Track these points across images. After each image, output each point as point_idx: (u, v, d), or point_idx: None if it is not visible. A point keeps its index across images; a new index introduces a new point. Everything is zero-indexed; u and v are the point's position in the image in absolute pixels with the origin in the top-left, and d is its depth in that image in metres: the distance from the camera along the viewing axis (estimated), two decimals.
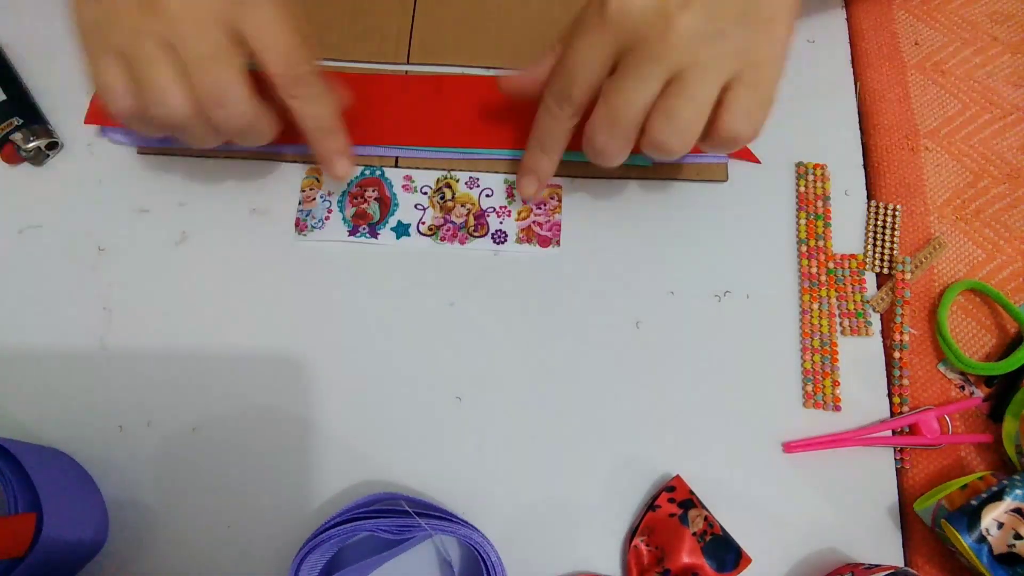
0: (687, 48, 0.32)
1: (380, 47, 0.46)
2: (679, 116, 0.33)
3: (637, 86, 0.33)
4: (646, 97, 0.33)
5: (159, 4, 0.32)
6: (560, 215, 0.42)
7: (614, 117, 0.34)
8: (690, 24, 0.32)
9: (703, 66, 0.32)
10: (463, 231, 0.41)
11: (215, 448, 0.38)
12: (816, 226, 0.42)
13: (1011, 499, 0.33)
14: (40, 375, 0.39)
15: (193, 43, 0.32)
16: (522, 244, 0.41)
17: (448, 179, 0.43)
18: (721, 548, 0.34)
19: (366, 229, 0.41)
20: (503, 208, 0.42)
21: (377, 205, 0.42)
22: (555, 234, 0.42)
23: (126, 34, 0.32)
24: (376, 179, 0.43)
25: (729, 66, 0.32)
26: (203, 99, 0.33)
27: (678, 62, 0.32)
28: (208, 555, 0.36)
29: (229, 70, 0.33)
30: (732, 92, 0.33)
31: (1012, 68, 0.46)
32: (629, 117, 0.34)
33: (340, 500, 0.37)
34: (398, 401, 0.39)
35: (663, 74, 0.32)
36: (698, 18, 0.32)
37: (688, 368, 0.40)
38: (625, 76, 0.33)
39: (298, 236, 0.41)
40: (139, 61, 0.33)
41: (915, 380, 0.40)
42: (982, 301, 0.41)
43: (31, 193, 0.42)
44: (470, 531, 0.34)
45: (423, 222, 0.42)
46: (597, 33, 0.33)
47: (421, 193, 0.42)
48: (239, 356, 0.39)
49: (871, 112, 0.45)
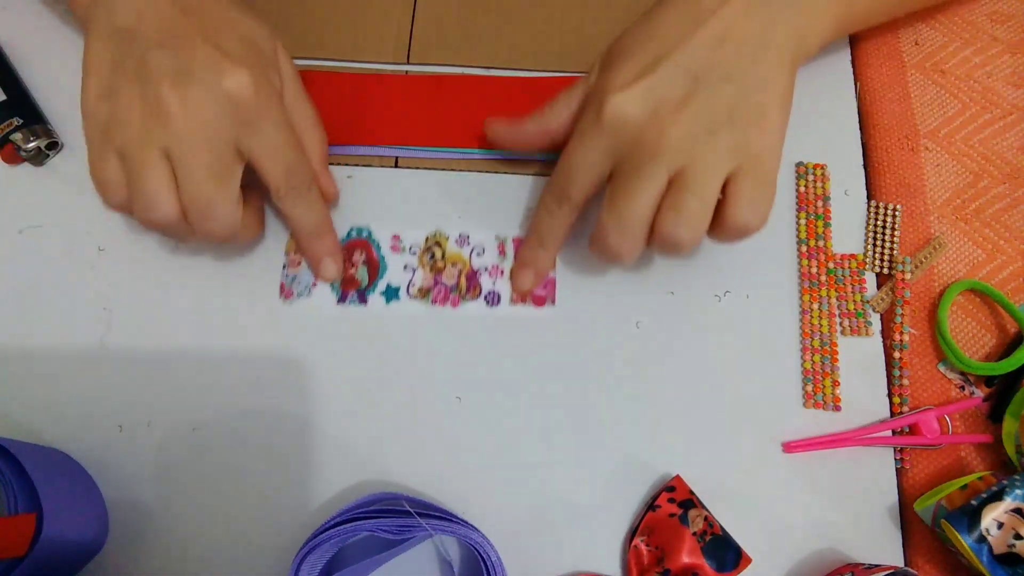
0: (683, 148, 0.33)
1: (380, 47, 0.46)
2: (686, 208, 0.33)
3: (641, 185, 0.34)
4: (651, 195, 0.34)
5: (169, 117, 0.32)
6: (554, 272, 0.41)
7: (621, 218, 0.34)
8: (683, 127, 0.33)
9: (703, 162, 0.33)
10: (455, 293, 0.41)
11: (215, 448, 0.38)
12: (816, 226, 0.42)
13: (1011, 499, 0.33)
14: (40, 375, 0.39)
15: (194, 159, 0.33)
16: (516, 305, 0.40)
17: (437, 237, 0.41)
18: (721, 548, 0.34)
19: (355, 295, 0.40)
20: (495, 267, 0.41)
21: (365, 269, 0.41)
22: (550, 292, 0.41)
23: (131, 137, 0.33)
24: (364, 240, 0.41)
25: (728, 161, 0.33)
26: (192, 211, 0.34)
27: (678, 160, 0.33)
28: (208, 555, 0.36)
29: (223, 190, 0.34)
30: (735, 185, 0.33)
31: (1012, 68, 0.46)
32: (637, 216, 0.34)
33: (340, 500, 0.37)
34: (398, 401, 0.39)
35: (664, 172, 0.33)
36: (692, 119, 0.33)
37: (688, 368, 0.40)
38: (627, 178, 0.34)
39: (283, 303, 0.40)
40: (137, 164, 0.33)
41: (915, 380, 0.40)
42: (982, 301, 0.41)
43: (31, 193, 0.42)
44: (470, 531, 0.34)
45: (413, 284, 0.41)
46: (595, 137, 0.34)
47: (410, 253, 0.41)
48: (239, 356, 0.39)
49: (871, 112, 0.45)
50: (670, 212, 0.34)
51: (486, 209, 0.43)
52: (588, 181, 0.36)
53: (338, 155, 0.43)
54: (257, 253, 0.41)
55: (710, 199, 0.33)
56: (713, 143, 0.33)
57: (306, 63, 0.46)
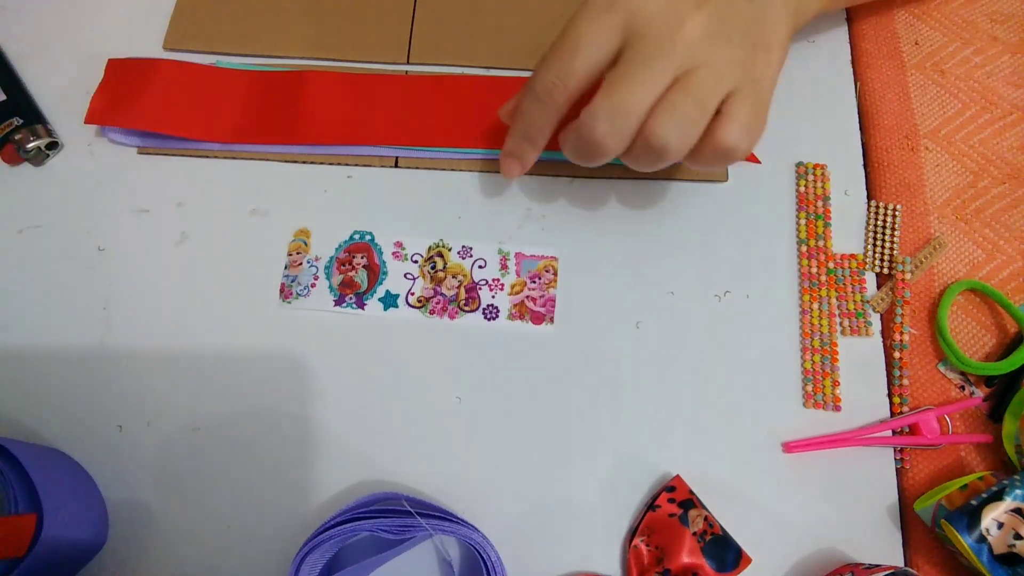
0: (697, 48, 0.32)
1: (380, 47, 0.46)
2: (684, 113, 0.32)
3: (645, 78, 0.32)
4: (653, 91, 0.32)
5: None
6: (555, 290, 0.41)
7: (617, 107, 0.32)
8: (702, 24, 0.31)
9: (711, 68, 0.32)
10: (453, 304, 0.40)
11: (215, 448, 0.38)
12: (816, 226, 0.42)
13: (1011, 499, 0.33)
14: (40, 375, 0.39)
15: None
16: (514, 321, 0.40)
17: (440, 247, 0.41)
18: (721, 548, 0.34)
19: (352, 299, 0.40)
20: (496, 281, 0.41)
21: (365, 273, 0.41)
22: (549, 310, 0.40)
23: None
24: (366, 244, 0.41)
25: (733, 75, 0.32)
26: None
27: (687, 61, 0.32)
28: (208, 555, 0.36)
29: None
30: (732, 103, 0.33)
31: (1012, 68, 0.46)
32: (634, 109, 0.32)
33: (340, 500, 0.37)
34: (398, 401, 0.39)
35: (672, 71, 0.32)
36: (710, 20, 0.32)
37: (688, 368, 0.40)
38: (633, 67, 0.32)
39: (282, 303, 0.40)
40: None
41: (915, 380, 0.40)
42: (982, 301, 0.41)
43: (31, 193, 0.42)
44: (470, 531, 0.34)
45: (412, 292, 0.41)
46: (605, 14, 0.32)
47: (412, 262, 0.41)
48: (239, 356, 0.39)
49: (871, 112, 0.45)
50: (666, 112, 0.32)
51: (486, 209, 0.43)
52: (590, 62, 0.33)
53: (338, 155, 0.43)
54: (258, 253, 0.41)
55: (709, 108, 0.32)
56: (727, 51, 0.32)
57: (307, 63, 0.46)
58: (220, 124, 0.43)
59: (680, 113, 0.32)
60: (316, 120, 0.43)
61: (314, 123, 0.43)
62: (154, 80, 0.44)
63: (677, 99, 0.32)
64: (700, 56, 0.32)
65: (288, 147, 0.43)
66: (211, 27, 0.47)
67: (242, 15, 0.47)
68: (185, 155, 0.43)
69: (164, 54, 0.46)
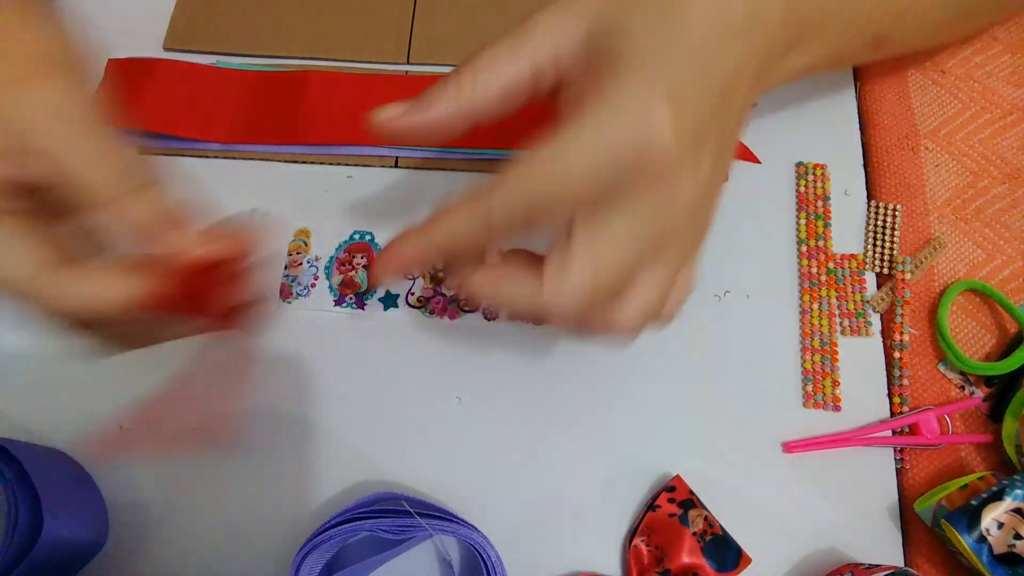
0: (688, 215, 0.26)
1: (380, 47, 0.46)
2: (657, 298, 0.27)
3: (634, 247, 0.26)
4: (632, 266, 0.26)
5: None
6: None
7: (604, 265, 0.25)
8: (700, 182, 0.26)
9: (691, 240, 0.28)
10: (453, 304, 0.40)
11: (215, 448, 0.38)
12: (816, 226, 0.42)
13: (1011, 499, 0.33)
14: (40, 375, 0.39)
15: None
16: (514, 321, 0.40)
17: None
18: (721, 548, 0.34)
19: (352, 299, 0.40)
20: None
21: (365, 273, 0.41)
22: None
23: None
24: (366, 244, 0.41)
25: (693, 246, 0.29)
26: None
27: (672, 230, 0.26)
28: (208, 555, 0.36)
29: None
30: (682, 273, 0.29)
31: (1012, 68, 0.46)
32: (614, 282, 0.26)
33: (340, 500, 0.37)
34: (398, 401, 0.39)
35: (658, 241, 0.26)
36: (701, 186, 0.27)
37: (688, 368, 0.40)
38: (620, 228, 0.25)
39: (282, 303, 0.40)
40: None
41: (915, 380, 0.40)
42: (982, 301, 0.41)
43: None
44: (470, 531, 0.34)
45: (412, 292, 0.41)
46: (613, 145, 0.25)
47: None
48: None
49: (871, 112, 0.45)
50: (639, 297, 0.27)
51: None
52: (570, 198, 0.25)
53: (338, 155, 0.43)
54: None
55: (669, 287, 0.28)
56: (701, 217, 0.28)
57: (307, 63, 0.46)
58: (220, 124, 0.43)
59: (654, 297, 0.27)
60: (316, 120, 0.43)
61: (314, 123, 0.43)
62: (154, 80, 0.44)
63: (656, 277, 0.26)
64: (687, 223, 0.26)
65: (288, 147, 0.43)
66: (211, 27, 0.47)
67: (242, 15, 0.47)
68: (185, 155, 0.43)
69: (164, 54, 0.46)
